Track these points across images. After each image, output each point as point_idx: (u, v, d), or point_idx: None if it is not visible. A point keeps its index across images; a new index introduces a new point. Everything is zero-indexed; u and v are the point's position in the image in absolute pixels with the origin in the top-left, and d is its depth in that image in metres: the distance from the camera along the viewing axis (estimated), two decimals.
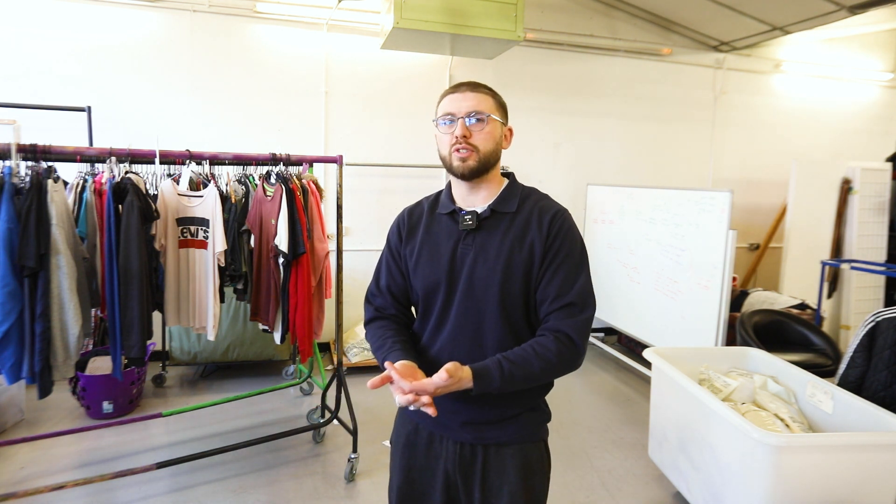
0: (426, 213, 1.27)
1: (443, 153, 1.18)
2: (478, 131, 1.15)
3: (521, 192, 1.22)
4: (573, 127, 4.64)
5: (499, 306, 1.15)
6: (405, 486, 1.27)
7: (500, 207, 1.19)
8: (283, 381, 3.55)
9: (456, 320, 1.18)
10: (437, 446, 1.24)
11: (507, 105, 1.24)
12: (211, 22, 3.75)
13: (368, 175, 4.18)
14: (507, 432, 1.20)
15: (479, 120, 1.14)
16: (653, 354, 2.51)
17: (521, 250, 1.15)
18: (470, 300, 1.17)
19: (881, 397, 2.17)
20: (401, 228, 1.29)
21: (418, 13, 3.03)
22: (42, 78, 3.50)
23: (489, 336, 1.16)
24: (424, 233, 1.24)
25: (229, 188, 2.57)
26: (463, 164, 1.15)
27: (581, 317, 1.13)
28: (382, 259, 1.32)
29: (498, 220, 1.19)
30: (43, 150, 2.04)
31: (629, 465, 2.76)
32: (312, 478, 2.55)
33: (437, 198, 1.28)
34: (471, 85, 1.18)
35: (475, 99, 1.15)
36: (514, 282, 1.15)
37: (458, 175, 1.18)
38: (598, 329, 4.76)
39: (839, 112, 5.36)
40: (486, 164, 1.17)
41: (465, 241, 1.19)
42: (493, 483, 1.19)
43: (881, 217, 4.30)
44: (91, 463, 2.61)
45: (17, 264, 1.90)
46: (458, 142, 1.14)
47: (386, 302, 1.29)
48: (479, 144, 1.15)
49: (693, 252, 3.27)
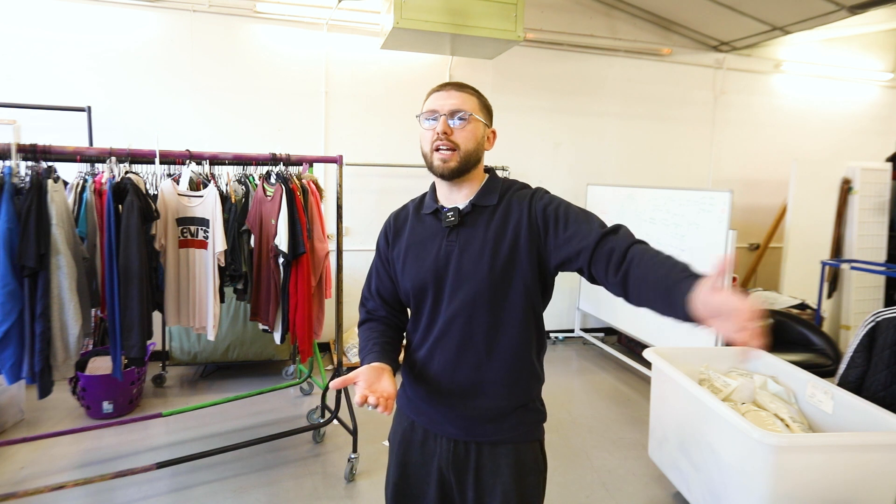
0: (411, 214, 1.28)
1: (424, 150, 1.18)
2: (459, 129, 1.15)
3: (501, 186, 1.23)
4: (573, 127, 4.64)
5: (488, 298, 1.15)
6: (401, 482, 1.28)
7: (480, 202, 1.19)
8: (283, 381, 3.55)
9: (446, 316, 1.18)
10: (431, 443, 1.24)
11: (492, 108, 1.25)
12: (211, 22, 3.75)
13: (368, 175, 4.19)
14: (500, 431, 1.20)
15: (462, 118, 1.15)
16: (653, 354, 2.50)
17: (505, 236, 1.15)
18: (459, 295, 1.17)
19: (881, 397, 2.17)
20: (387, 233, 1.30)
21: (418, 13, 3.03)
22: (42, 78, 3.50)
23: (478, 329, 1.16)
24: (410, 234, 1.25)
25: (229, 188, 2.57)
26: (444, 165, 1.15)
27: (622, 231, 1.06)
28: (373, 264, 1.33)
29: (479, 214, 1.19)
30: (43, 150, 2.04)
31: (629, 465, 2.75)
32: (312, 478, 2.55)
33: (423, 199, 1.29)
34: (456, 85, 1.19)
35: (459, 97, 1.16)
36: (503, 268, 1.15)
37: (438, 174, 1.18)
38: (598, 329, 4.76)
39: (839, 112, 5.36)
40: (467, 163, 1.17)
41: (450, 238, 1.19)
42: (487, 482, 1.19)
43: (881, 217, 4.29)
44: (91, 463, 2.61)
45: (17, 264, 1.90)
46: (439, 138, 1.14)
47: (377, 305, 1.31)
48: (461, 142, 1.15)
49: (693, 252, 3.27)
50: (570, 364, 4.23)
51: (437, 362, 1.20)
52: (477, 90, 1.21)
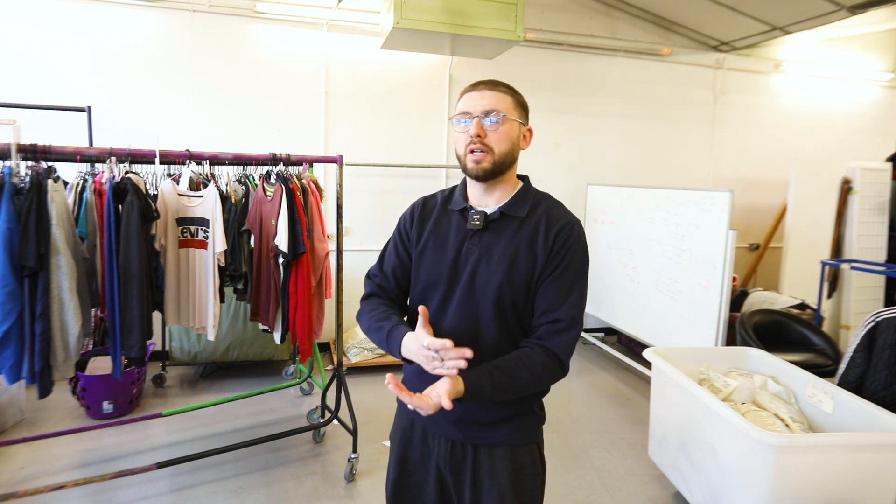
0: (439, 206, 1.27)
1: (459, 152, 1.17)
2: (493, 131, 1.13)
3: (533, 197, 1.21)
4: (573, 127, 4.64)
5: (495, 310, 1.14)
6: (400, 479, 1.28)
7: (510, 211, 1.18)
8: (283, 381, 3.55)
9: (453, 319, 1.17)
10: (430, 442, 1.24)
11: (527, 104, 1.22)
12: (211, 22, 3.75)
13: (368, 175, 4.18)
14: (498, 434, 1.19)
15: (495, 119, 1.12)
16: (653, 354, 2.51)
17: (525, 256, 1.14)
18: (470, 300, 1.16)
19: (881, 397, 2.17)
20: (414, 212, 1.28)
21: (418, 13, 3.03)
22: (42, 78, 3.50)
23: (487, 338, 1.16)
24: (434, 225, 1.24)
25: (229, 188, 2.57)
26: (477, 167, 1.14)
27: (567, 336, 1.13)
28: (390, 242, 1.31)
29: (506, 223, 1.17)
30: (43, 150, 2.04)
31: (629, 465, 2.75)
32: (312, 478, 2.55)
33: (452, 193, 1.27)
34: (489, 83, 1.16)
35: (492, 98, 1.14)
36: (514, 287, 1.14)
37: (471, 176, 1.17)
38: (598, 329, 4.76)
39: (839, 112, 5.36)
40: (501, 165, 1.15)
41: (472, 241, 1.18)
42: (484, 484, 1.19)
43: (881, 217, 4.29)
44: (91, 463, 2.61)
45: (17, 264, 1.90)
46: (473, 141, 1.12)
47: (387, 284, 1.28)
48: (494, 145, 1.13)
49: (693, 252, 3.27)
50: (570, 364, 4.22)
51: None
52: (511, 87, 1.18)
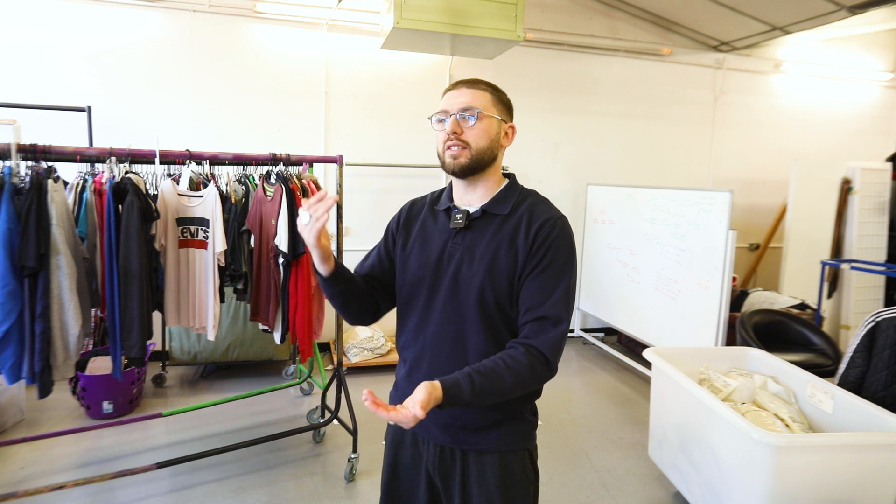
0: (426, 207, 1.28)
1: (438, 150, 1.18)
2: (468, 128, 1.13)
3: (518, 195, 1.20)
4: (573, 127, 4.64)
5: (479, 309, 1.13)
6: (392, 481, 1.28)
7: (492, 209, 1.17)
8: (283, 381, 3.55)
9: (439, 320, 1.16)
10: (420, 446, 1.24)
11: (510, 102, 1.22)
12: (211, 22, 3.75)
13: (368, 175, 4.18)
14: (487, 440, 1.17)
15: (471, 116, 1.13)
16: (653, 354, 2.50)
17: (505, 254, 1.13)
18: (454, 300, 1.15)
19: (881, 397, 2.16)
20: (401, 216, 1.30)
21: (418, 13, 3.03)
22: (42, 78, 3.50)
23: (471, 339, 1.14)
24: (420, 226, 1.25)
25: (229, 188, 2.57)
26: (454, 162, 1.14)
27: (554, 332, 1.09)
28: (376, 246, 1.33)
29: (489, 222, 1.17)
30: (43, 150, 2.04)
31: (629, 465, 2.75)
32: (312, 478, 2.55)
33: (440, 194, 1.28)
34: (469, 82, 1.17)
35: (470, 95, 1.14)
36: (496, 285, 1.12)
37: (449, 172, 1.17)
38: (598, 329, 4.76)
39: (839, 112, 5.36)
40: (480, 161, 1.15)
41: (455, 240, 1.18)
42: (473, 490, 1.18)
43: (881, 217, 4.30)
44: (91, 463, 2.61)
45: (17, 264, 1.90)
46: (450, 138, 1.13)
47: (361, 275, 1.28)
48: (471, 141, 1.13)
49: (693, 252, 3.27)
50: (570, 364, 4.23)
51: (426, 365, 1.18)
52: (492, 85, 1.18)
